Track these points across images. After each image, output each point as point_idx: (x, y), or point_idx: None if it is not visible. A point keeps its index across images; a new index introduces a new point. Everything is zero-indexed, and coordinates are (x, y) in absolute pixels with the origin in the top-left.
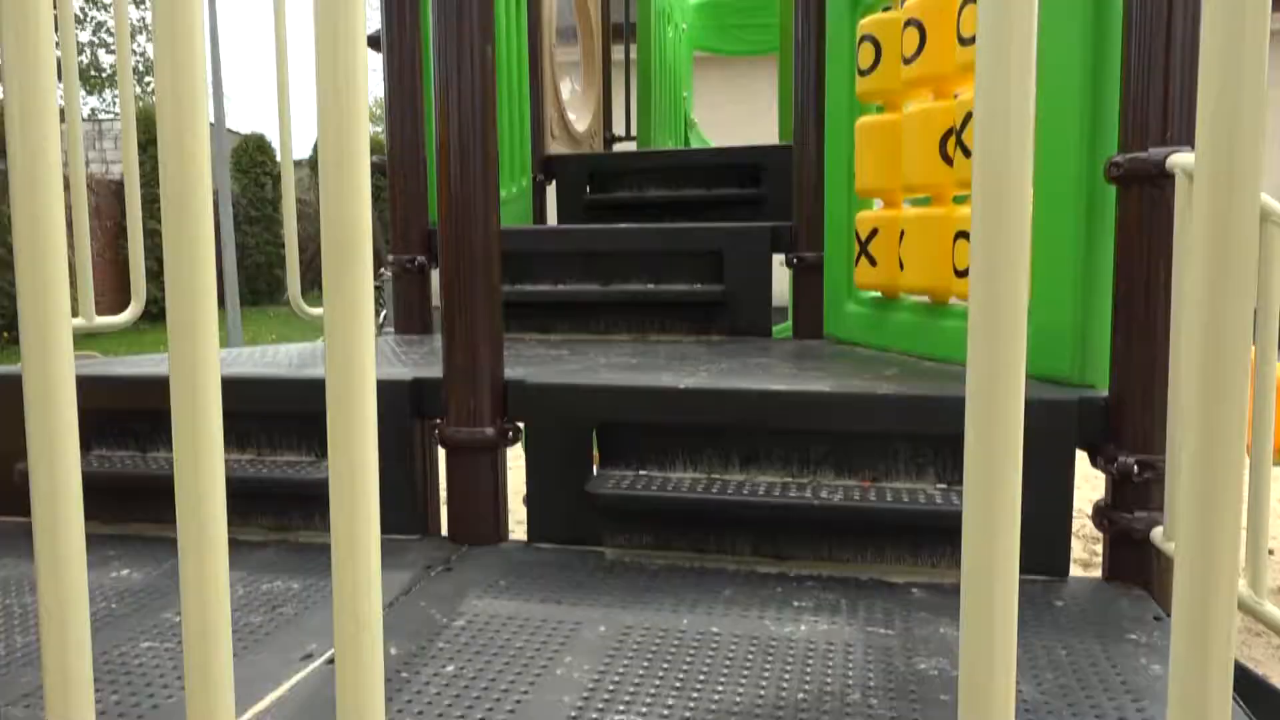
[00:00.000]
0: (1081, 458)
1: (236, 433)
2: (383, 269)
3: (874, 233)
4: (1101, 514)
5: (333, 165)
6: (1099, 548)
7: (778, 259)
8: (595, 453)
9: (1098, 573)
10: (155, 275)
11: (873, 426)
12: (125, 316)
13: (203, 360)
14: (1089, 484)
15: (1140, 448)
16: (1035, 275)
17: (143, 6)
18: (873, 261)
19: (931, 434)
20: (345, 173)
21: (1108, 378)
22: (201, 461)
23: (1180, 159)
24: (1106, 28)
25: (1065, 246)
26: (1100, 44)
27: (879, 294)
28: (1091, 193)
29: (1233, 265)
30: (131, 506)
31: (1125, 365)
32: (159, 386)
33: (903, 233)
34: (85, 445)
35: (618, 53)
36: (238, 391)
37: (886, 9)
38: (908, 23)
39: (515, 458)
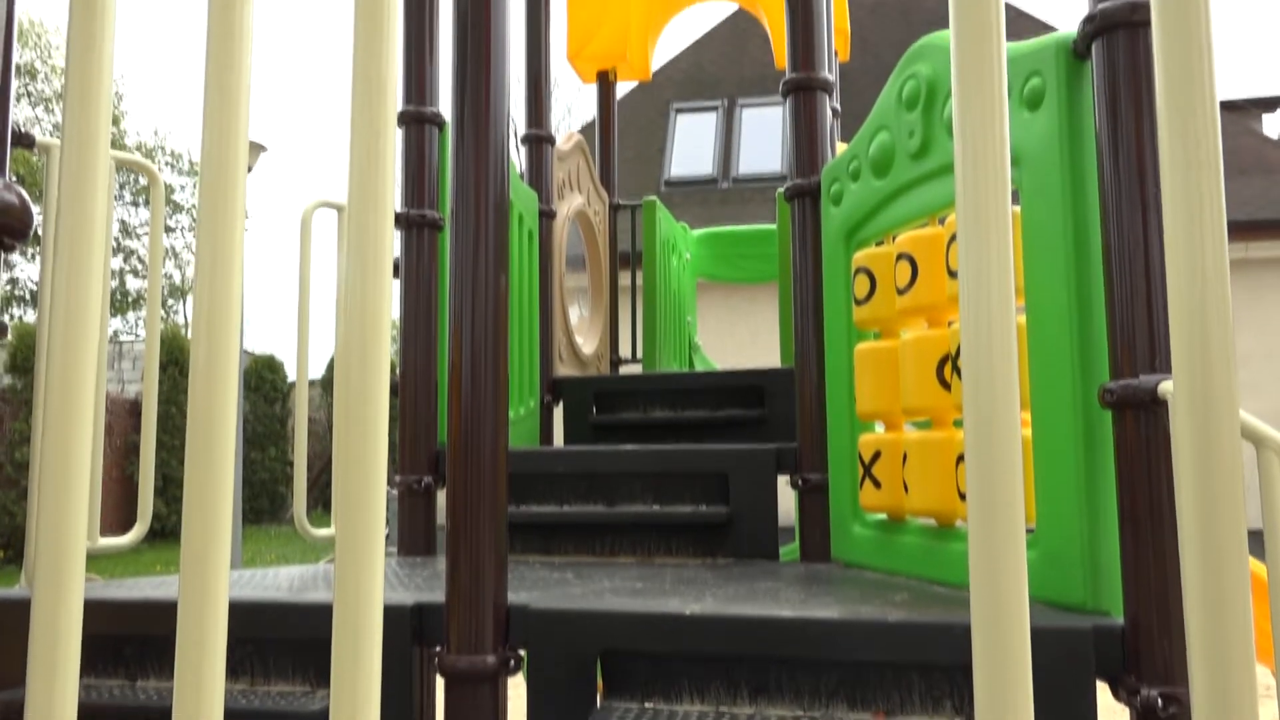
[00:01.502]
0: (1104, 689)
1: (231, 661)
2: (389, 488)
3: (877, 455)
4: None
5: (356, 391)
6: None
7: (783, 480)
8: (600, 682)
9: None
10: (157, 491)
11: (884, 656)
12: (130, 538)
13: (212, 591)
14: (1116, 719)
15: (1163, 678)
16: (1039, 501)
17: (171, 234)
18: (877, 484)
19: (944, 664)
20: (367, 395)
21: (1122, 603)
22: (203, 694)
23: (1170, 386)
24: (1088, 257)
25: (1067, 472)
26: (1083, 272)
27: (885, 516)
28: (1088, 418)
29: (1219, 489)
30: None
31: (1138, 590)
32: (158, 611)
33: (905, 455)
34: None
35: (624, 278)
36: (236, 616)
37: (879, 244)
38: (900, 256)
39: (515, 684)
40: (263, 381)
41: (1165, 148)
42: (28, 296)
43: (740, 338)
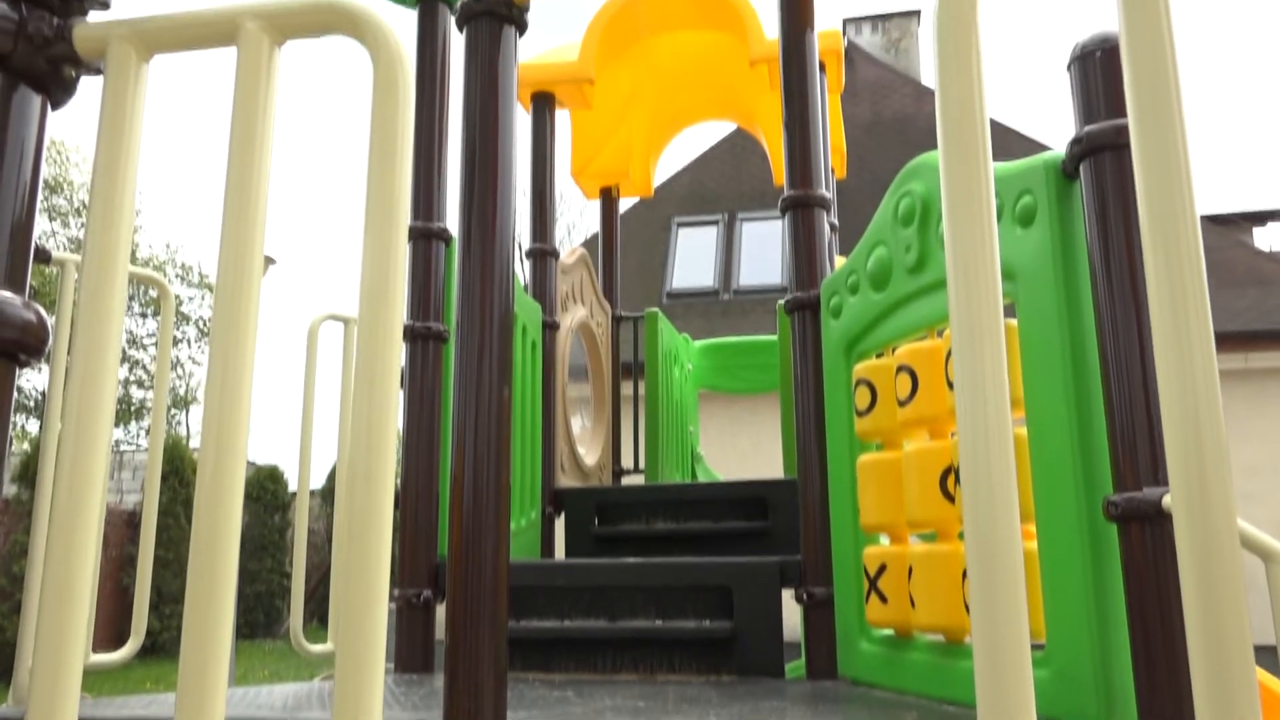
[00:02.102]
0: None
1: None
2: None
3: (882, 569)
4: None
5: (360, 503)
6: None
7: (787, 594)
8: None
9: None
10: (150, 605)
11: None
12: (123, 653)
13: (209, 714)
14: None
15: None
16: (1048, 617)
17: (177, 345)
18: (883, 598)
19: None
20: (371, 508)
21: None
22: None
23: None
24: (1086, 369)
25: (1075, 586)
26: (1081, 384)
27: (893, 632)
28: (1094, 531)
29: (1222, 602)
30: None
31: (1152, 707)
32: None
33: (911, 569)
34: None
35: (627, 388)
36: None
37: (879, 356)
38: (900, 369)
39: None
40: (264, 492)
41: (1150, 266)
42: (31, 405)
43: (742, 448)
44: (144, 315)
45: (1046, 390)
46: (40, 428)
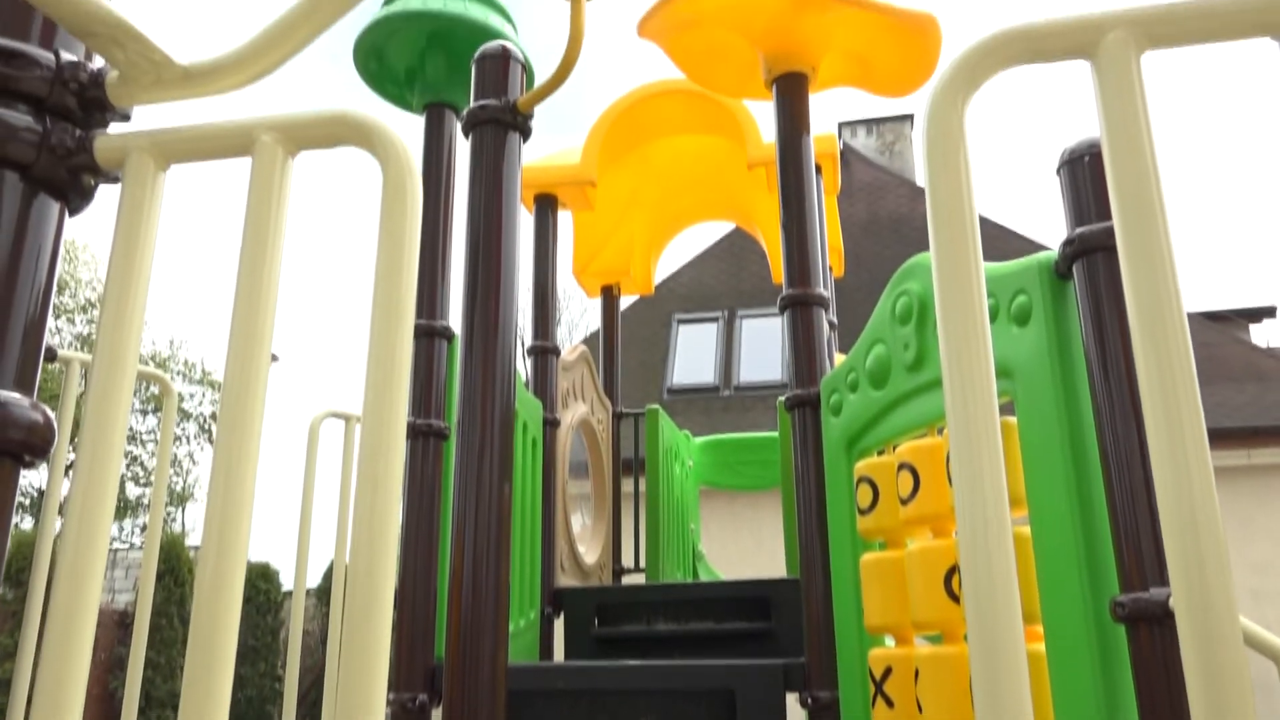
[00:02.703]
0: None
1: None
2: None
3: (888, 672)
4: None
5: (360, 605)
6: None
7: (791, 697)
8: None
9: None
10: (139, 710)
11: None
12: None
13: None
14: None
15: None
16: None
17: (176, 443)
18: (890, 703)
19: None
20: (370, 609)
21: None
22: None
23: None
24: (1087, 467)
25: (1084, 689)
26: (1083, 482)
27: None
28: (1102, 633)
29: (1228, 704)
30: None
31: None
32: None
33: (917, 672)
34: None
35: (627, 485)
36: None
37: (880, 453)
38: (901, 466)
39: None
40: (256, 592)
41: (1141, 369)
42: (27, 503)
43: (744, 545)
44: (144, 412)
45: (1048, 488)
46: (35, 524)
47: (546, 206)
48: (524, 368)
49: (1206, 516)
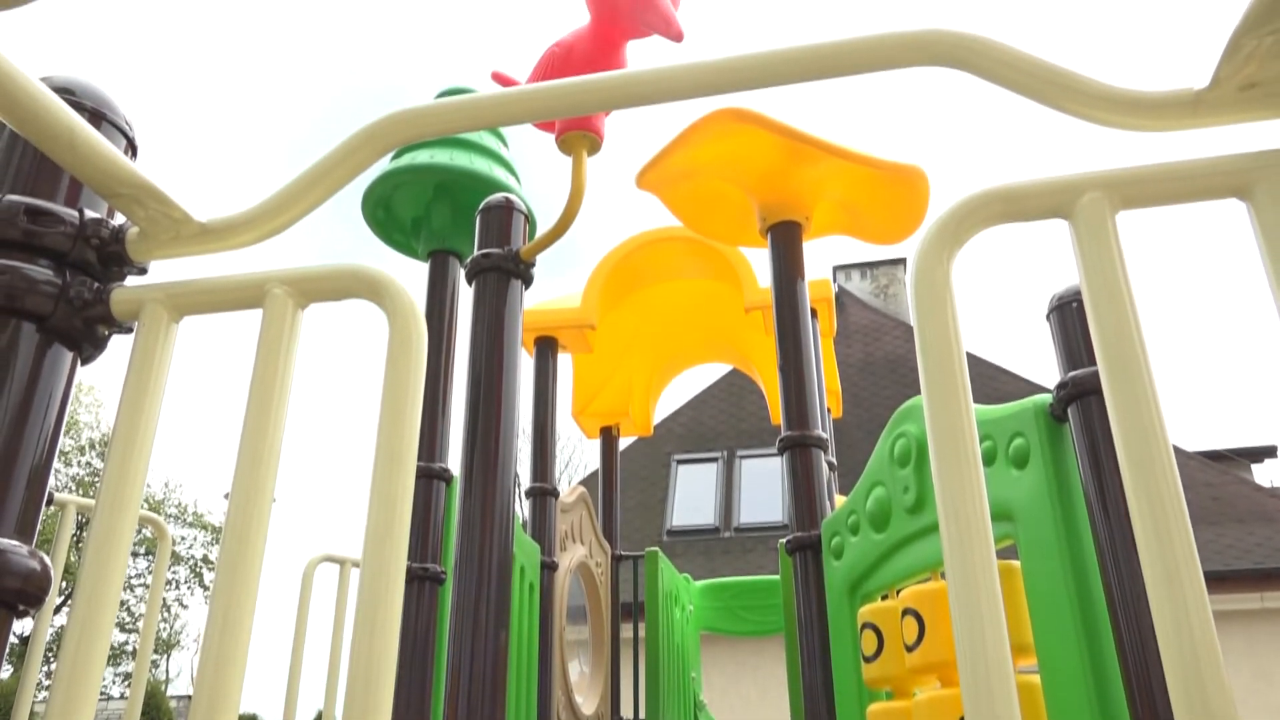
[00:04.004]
0: None
1: None
2: None
3: None
4: None
5: None
6: None
7: None
8: None
9: None
10: None
11: None
12: None
13: None
14: None
15: None
16: None
17: (167, 587)
18: None
19: None
20: None
21: None
22: None
23: None
24: (1093, 609)
25: None
26: (1090, 625)
27: None
28: None
29: None
30: None
31: None
32: None
33: None
34: None
35: (626, 631)
36: None
37: (884, 598)
38: (905, 612)
39: None
40: None
41: (1134, 510)
42: (11, 652)
43: (747, 694)
44: (134, 554)
45: (1056, 634)
46: (15, 672)
47: (547, 349)
48: (522, 510)
49: (1208, 657)
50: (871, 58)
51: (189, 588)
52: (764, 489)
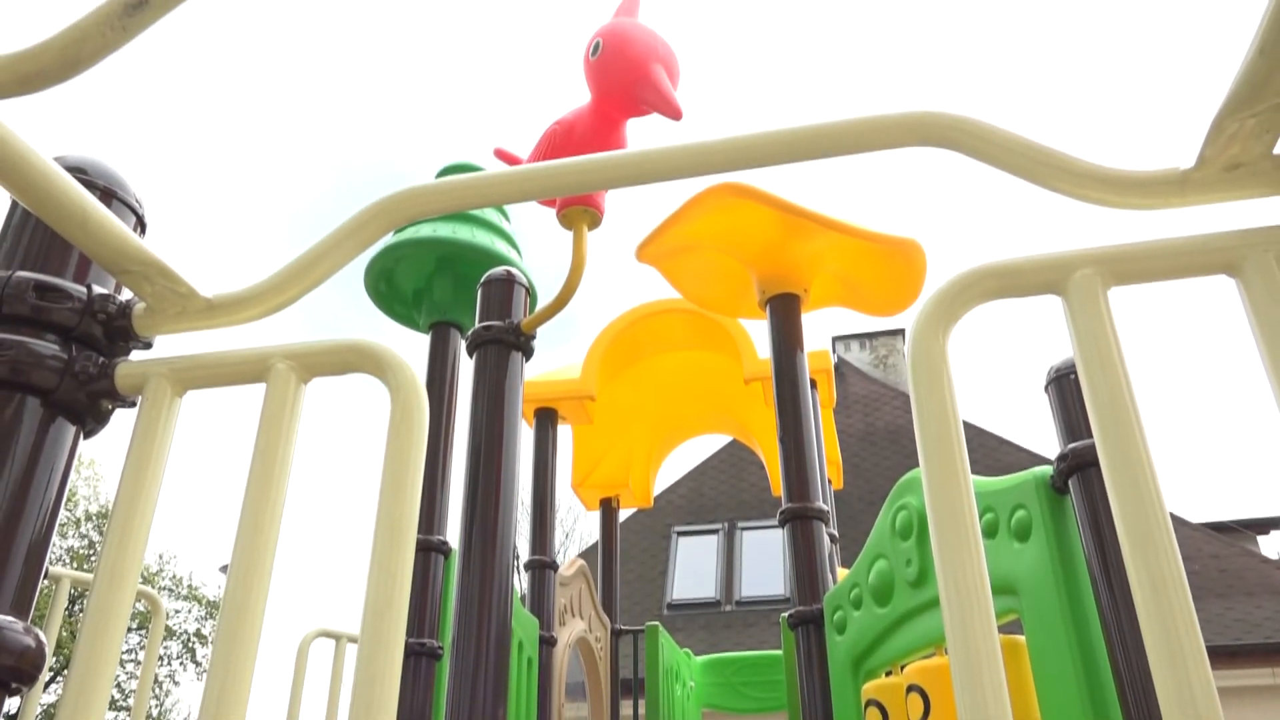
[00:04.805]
0: None
1: None
2: None
3: None
4: None
5: None
6: None
7: None
8: None
9: None
10: None
11: None
12: None
13: None
14: None
15: None
16: None
17: (159, 663)
18: None
19: None
20: None
21: None
22: None
23: None
24: (1100, 682)
25: None
26: (1098, 699)
27: None
28: None
29: None
30: None
31: None
32: None
33: None
34: None
35: (626, 707)
36: None
37: (888, 673)
38: (910, 688)
39: None
40: None
41: (1134, 581)
42: None
43: None
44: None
45: (1063, 711)
46: None
47: (546, 420)
48: (520, 584)
49: None
50: (865, 139)
51: (181, 663)
52: (766, 561)
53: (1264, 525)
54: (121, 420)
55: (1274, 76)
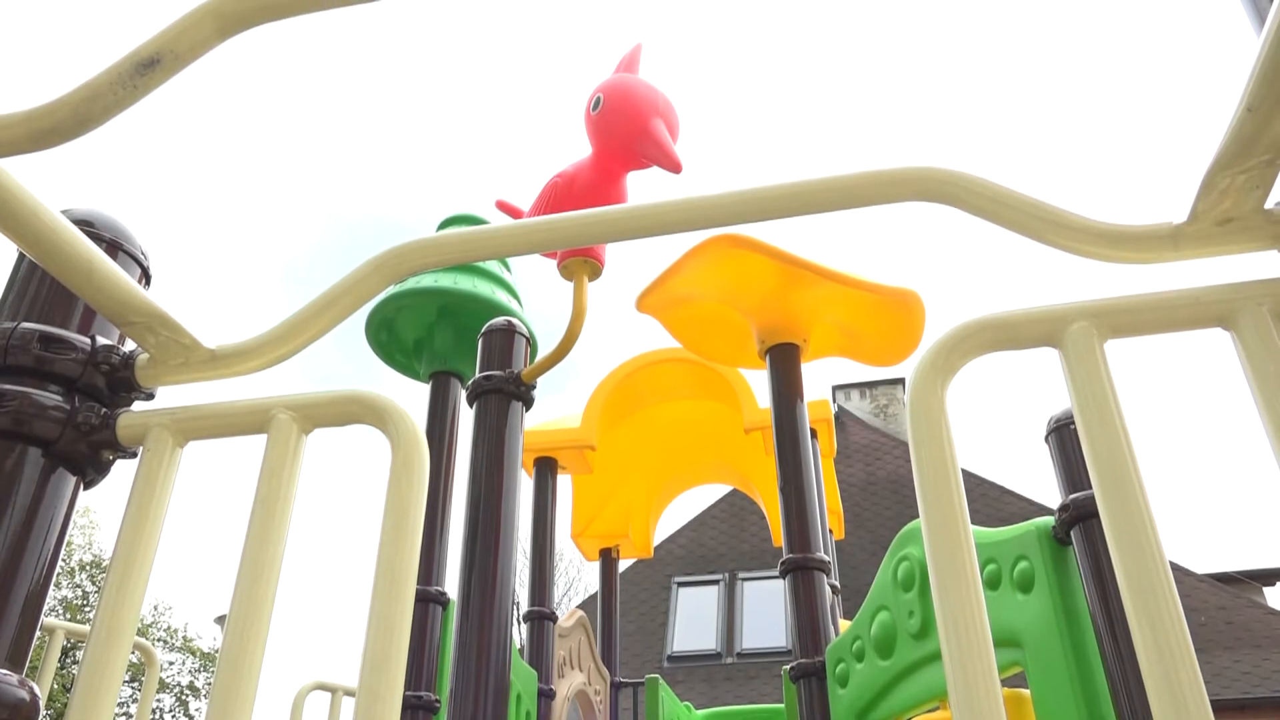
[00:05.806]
0: None
1: None
2: None
3: None
4: None
5: None
6: None
7: None
8: None
9: None
10: None
11: None
12: None
13: None
14: None
15: None
16: None
17: (151, 716)
18: None
19: None
20: None
21: None
22: None
23: None
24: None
25: None
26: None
27: None
28: None
29: None
30: None
31: None
32: None
33: None
34: None
35: None
36: None
37: None
38: None
39: None
40: None
41: (1135, 630)
42: None
43: None
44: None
45: None
46: None
47: (546, 470)
48: (519, 635)
49: None
50: (863, 193)
51: (174, 717)
52: (767, 612)
53: (1270, 576)
54: (119, 470)
55: (1263, 133)
